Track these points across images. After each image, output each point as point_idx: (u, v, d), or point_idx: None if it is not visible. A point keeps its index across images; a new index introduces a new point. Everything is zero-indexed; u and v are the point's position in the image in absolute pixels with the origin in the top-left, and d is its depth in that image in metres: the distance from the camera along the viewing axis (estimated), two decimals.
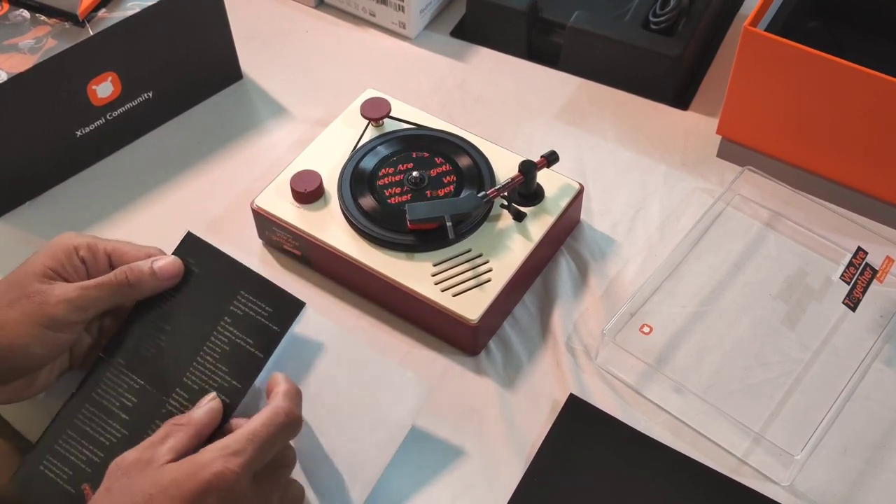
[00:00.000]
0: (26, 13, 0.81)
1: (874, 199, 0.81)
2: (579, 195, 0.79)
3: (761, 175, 0.82)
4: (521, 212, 0.76)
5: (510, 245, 0.75)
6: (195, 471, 0.56)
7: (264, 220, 0.79)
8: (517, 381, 0.73)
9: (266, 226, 0.79)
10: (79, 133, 0.84)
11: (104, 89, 0.83)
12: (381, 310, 0.77)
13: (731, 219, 0.82)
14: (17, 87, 0.76)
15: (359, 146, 0.80)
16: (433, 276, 0.73)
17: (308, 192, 0.77)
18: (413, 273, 0.73)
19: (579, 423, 0.71)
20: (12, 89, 0.76)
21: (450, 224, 0.72)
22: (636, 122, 0.90)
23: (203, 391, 0.65)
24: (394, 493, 0.68)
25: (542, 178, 0.78)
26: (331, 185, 0.78)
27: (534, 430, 0.70)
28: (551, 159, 0.76)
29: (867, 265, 0.75)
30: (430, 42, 0.98)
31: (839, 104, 0.76)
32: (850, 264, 0.75)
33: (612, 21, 0.92)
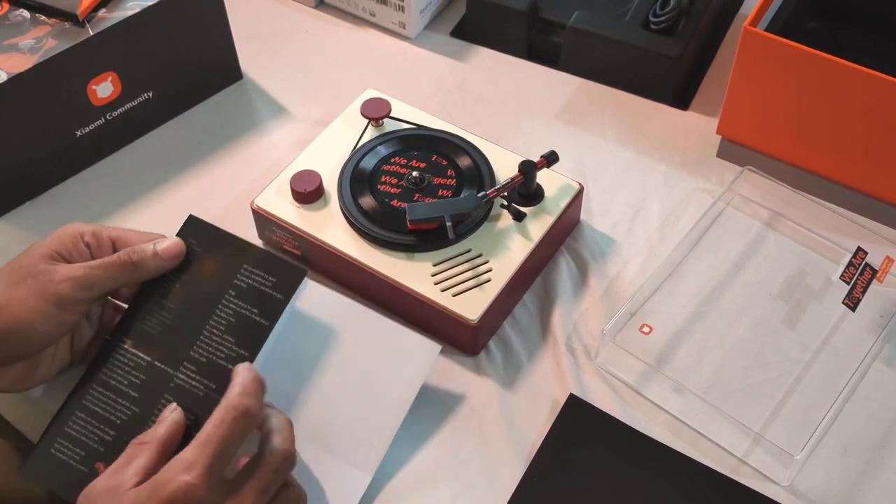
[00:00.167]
0: (26, 13, 0.81)
1: (874, 199, 0.81)
2: (579, 195, 0.79)
3: (761, 175, 0.82)
4: (521, 212, 0.76)
5: (510, 245, 0.75)
6: (156, 491, 0.56)
7: (264, 220, 0.79)
8: (517, 381, 0.73)
9: (266, 226, 0.79)
10: (79, 133, 0.84)
11: (104, 89, 0.83)
12: (382, 310, 0.77)
13: (731, 219, 0.82)
14: (17, 87, 0.77)
15: (359, 146, 0.80)
16: (433, 276, 0.73)
17: (308, 192, 0.77)
18: (413, 273, 0.73)
19: (579, 423, 0.71)
20: (12, 89, 0.76)
21: (450, 224, 0.72)
22: (636, 122, 0.90)
23: (211, 363, 0.65)
24: (394, 493, 0.68)
25: (542, 178, 0.78)
26: (331, 185, 0.78)
27: (534, 430, 0.70)
28: (551, 159, 0.77)
29: (867, 265, 0.75)
30: (430, 42, 0.98)
31: (839, 104, 0.76)
32: (850, 264, 0.75)
33: (612, 21, 0.92)
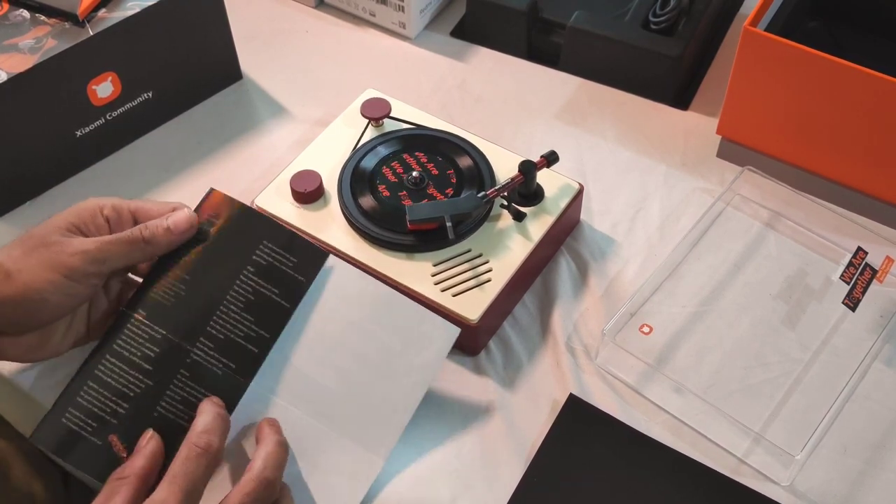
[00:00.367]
0: (26, 13, 0.81)
1: (874, 199, 0.81)
2: (579, 195, 0.79)
3: (761, 175, 0.82)
4: (521, 212, 0.76)
5: (510, 245, 0.75)
6: None
7: None
8: (517, 381, 0.73)
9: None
10: (79, 133, 0.84)
11: (104, 89, 0.83)
12: None
13: (731, 219, 0.82)
14: (17, 87, 0.76)
15: (359, 146, 0.80)
16: (433, 276, 0.73)
17: (308, 192, 0.77)
18: (413, 273, 0.73)
19: (579, 423, 0.71)
20: (12, 89, 0.76)
21: (450, 224, 0.72)
22: (636, 122, 0.90)
23: (230, 341, 0.65)
24: (394, 493, 0.67)
25: (542, 178, 0.78)
26: (331, 185, 0.78)
27: (534, 430, 0.70)
28: (551, 159, 0.77)
29: (867, 265, 0.75)
30: (430, 42, 0.98)
31: (839, 104, 0.76)
32: (850, 264, 0.75)
33: (612, 21, 0.92)
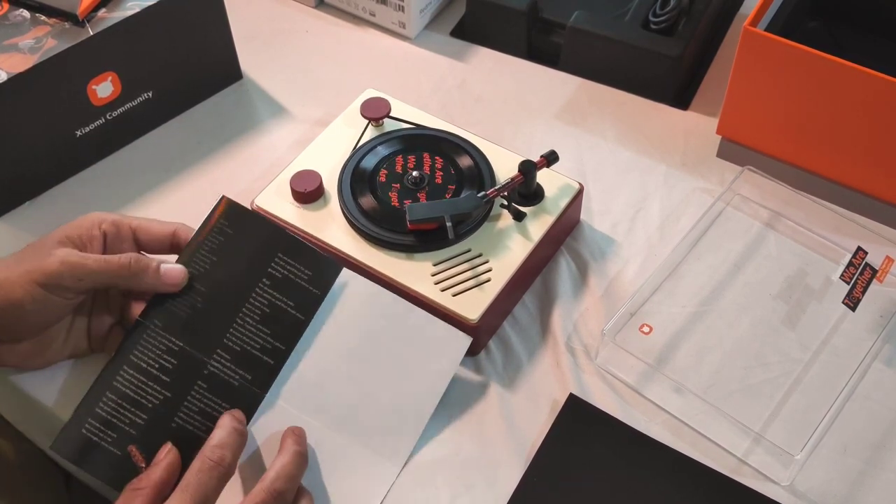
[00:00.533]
0: (26, 13, 0.81)
1: (874, 199, 0.81)
2: (579, 195, 0.79)
3: (761, 175, 0.82)
4: (520, 212, 0.76)
5: (510, 245, 0.75)
6: None
7: None
8: (517, 381, 0.73)
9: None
10: (79, 133, 0.84)
11: (104, 89, 0.83)
12: None
13: (730, 219, 0.82)
14: (17, 87, 0.76)
15: (359, 146, 0.80)
16: (433, 276, 0.73)
17: (308, 191, 0.77)
18: (413, 273, 0.73)
19: (579, 423, 0.71)
20: (12, 89, 0.76)
21: (450, 224, 0.72)
22: (636, 122, 0.90)
23: (246, 353, 0.66)
24: (394, 493, 0.67)
25: (542, 177, 0.78)
26: (331, 185, 0.78)
27: (534, 430, 0.70)
28: (551, 159, 0.77)
29: (867, 265, 0.75)
30: (430, 42, 0.98)
31: (839, 104, 0.76)
32: (850, 264, 0.75)
33: (612, 21, 0.92)
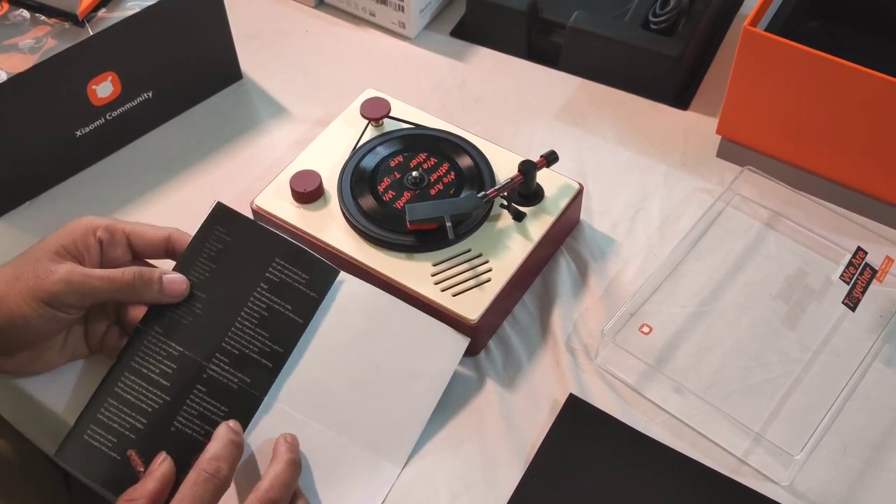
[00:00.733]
0: (26, 13, 0.81)
1: (874, 199, 0.81)
2: (579, 195, 0.79)
3: (761, 175, 0.82)
4: (520, 212, 0.76)
5: (510, 245, 0.75)
6: None
7: (264, 220, 0.78)
8: (517, 381, 0.73)
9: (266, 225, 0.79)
10: (79, 133, 0.84)
11: (104, 89, 0.83)
12: None
13: (730, 219, 0.82)
14: (17, 87, 0.76)
15: (359, 146, 0.80)
16: (433, 276, 0.73)
17: (308, 192, 0.77)
18: (413, 273, 0.73)
19: (579, 422, 0.71)
20: (12, 89, 0.76)
21: (450, 224, 0.72)
22: (636, 122, 0.90)
23: (244, 356, 0.67)
24: (394, 493, 0.68)
25: (542, 178, 0.78)
26: (331, 185, 0.78)
27: (534, 430, 0.70)
28: (551, 159, 0.76)
29: (867, 265, 0.75)
30: (430, 42, 0.98)
31: (839, 104, 0.76)
32: (850, 264, 0.75)
33: (612, 21, 0.92)
